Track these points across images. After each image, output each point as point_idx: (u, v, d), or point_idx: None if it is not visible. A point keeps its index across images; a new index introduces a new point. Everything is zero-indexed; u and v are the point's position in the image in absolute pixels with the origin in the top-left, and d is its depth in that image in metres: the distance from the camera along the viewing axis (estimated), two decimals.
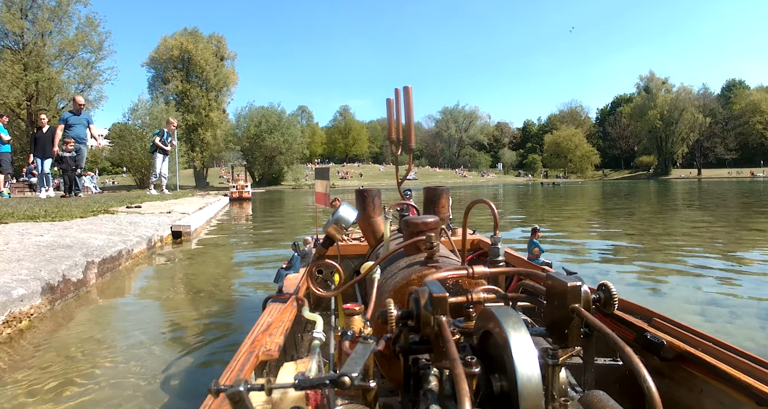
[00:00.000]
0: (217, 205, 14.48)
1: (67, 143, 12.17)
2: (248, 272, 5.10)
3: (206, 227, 9.97)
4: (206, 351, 2.66)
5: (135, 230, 6.32)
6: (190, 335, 2.95)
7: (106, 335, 3.00)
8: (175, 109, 53.77)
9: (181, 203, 11.45)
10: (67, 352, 2.64)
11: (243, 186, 25.71)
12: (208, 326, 3.14)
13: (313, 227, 8.48)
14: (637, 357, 0.73)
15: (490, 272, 1.20)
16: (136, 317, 3.46)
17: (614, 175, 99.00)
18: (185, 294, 4.08)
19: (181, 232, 7.45)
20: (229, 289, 4.29)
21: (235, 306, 3.72)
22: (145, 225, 6.85)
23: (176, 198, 13.73)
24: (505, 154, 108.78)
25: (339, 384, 0.68)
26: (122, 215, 7.99)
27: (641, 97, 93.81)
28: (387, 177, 79.85)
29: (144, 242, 5.98)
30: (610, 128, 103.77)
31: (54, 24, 36.14)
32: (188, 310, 3.56)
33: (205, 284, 4.42)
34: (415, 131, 2.39)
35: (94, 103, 36.67)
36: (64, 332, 2.97)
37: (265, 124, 62.66)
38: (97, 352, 2.66)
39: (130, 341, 2.86)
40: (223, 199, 18.83)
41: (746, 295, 3.68)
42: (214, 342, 2.82)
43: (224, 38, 69.93)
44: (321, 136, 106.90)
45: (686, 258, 5.27)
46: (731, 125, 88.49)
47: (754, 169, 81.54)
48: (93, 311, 3.51)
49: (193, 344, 2.77)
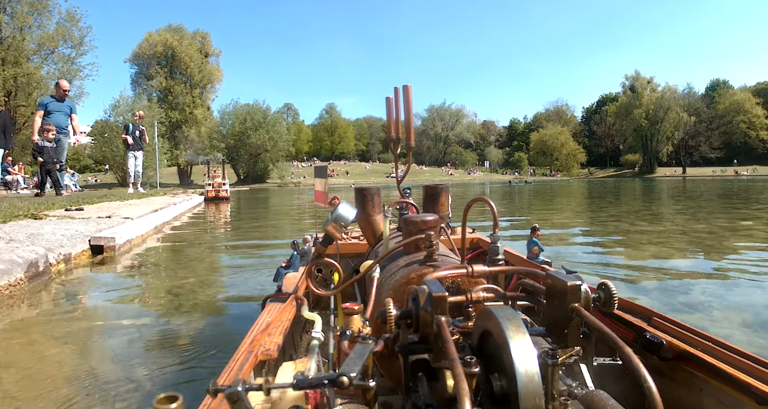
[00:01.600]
0: (183, 206, 12.95)
1: (47, 131, 10.66)
2: (172, 335, 2.96)
3: (155, 235, 8.08)
4: (205, 351, 2.62)
5: (18, 248, 4.34)
6: (190, 335, 2.90)
7: (104, 340, 2.89)
8: (158, 106, 53.06)
9: (136, 204, 9.99)
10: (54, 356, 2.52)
11: (220, 184, 23.15)
12: (207, 326, 3.09)
13: (302, 231, 8.17)
14: (637, 357, 0.74)
15: (489, 271, 1.20)
16: (135, 316, 3.35)
17: (600, 174, 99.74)
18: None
19: (102, 246, 5.57)
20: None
21: (235, 306, 3.67)
22: (48, 239, 4.99)
23: (140, 198, 12.43)
24: (491, 153, 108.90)
25: (338, 384, 0.69)
26: (51, 220, 6.48)
27: (627, 96, 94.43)
28: (373, 175, 79.77)
29: (19, 268, 3.92)
30: (596, 127, 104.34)
31: (33, 18, 35.41)
32: (185, 310, 3.47)
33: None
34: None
35: (74, 100, 36.00)
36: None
37: (250, 122, 62.09)
38: (96, 352, 2.62)
39: (128, 341, 2.80)
40: (196, 198, 17.60)
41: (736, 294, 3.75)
42: (213, 342, 2.77)
43: (209, 35, 69.20)
44: (307, 134, 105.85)
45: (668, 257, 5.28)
46: (715, 124, 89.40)
47: (738, 167, 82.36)
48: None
49: (191, 344, 2.73)
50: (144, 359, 2.54)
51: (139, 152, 14.45)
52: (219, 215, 14.37)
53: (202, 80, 65.31)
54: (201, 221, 12.28)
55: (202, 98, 65.92)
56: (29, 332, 3.07)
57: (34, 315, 3.39)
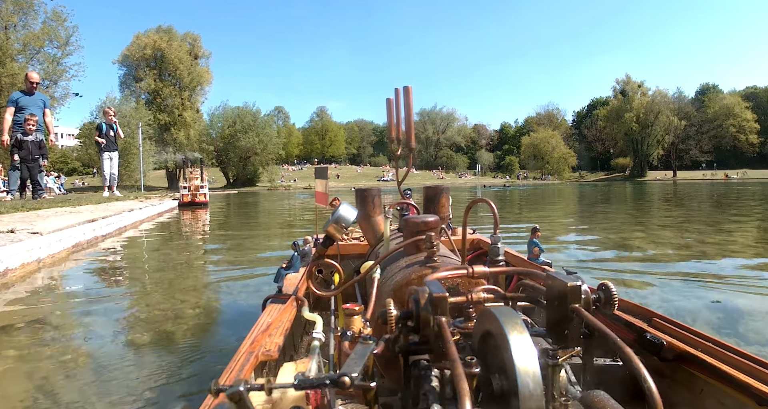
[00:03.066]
0: (141, 214, 11.02)
1: (27, 121, 9.60)
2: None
3: (76, 254, 6.13)
4: (205, 351, 2.62)
5: None
6: (190, 335, 2.91)
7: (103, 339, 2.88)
8: (146, 108, 52.39)
9: (79, 212, 8.22)
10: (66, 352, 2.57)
11: (197, 187, 20.29)
12: (207, 326, 3.11)
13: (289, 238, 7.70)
14: (637, 358, 0.74)
15: (490, 272, 1.21)
16: (133, 316, 3.35)
17: (590, 177, 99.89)
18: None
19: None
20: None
21: (235, 306, 3.63)
22: None
23: (99, 203, 10.88)
24: (482, 156, 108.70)
25: (339, 384, 0.69)
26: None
27: (618, 100, 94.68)
28: (364, 178, 79.49)
29: None
30: (587, 131, 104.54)
31: (18, 17, 34.80)
32: (187, 309, 3.45)
33: None
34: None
35: (60, 101, 35.36)
36: None
37: (239, 124, 61.56)
38: (95, 352, 2.62)
39: (128, 341, 2.80)
40: (167, 204, 15.96)
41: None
42: (214, 342, 2.79)
43: (199, 37, 68.33)
44: (297, 137, 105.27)
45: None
46: (705, 128, 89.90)
47: (728, 171, 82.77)
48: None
49: (192, 345, 2.73)
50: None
51: (115, 153, 13.47)
52: (187, 226, 11.99)
53: (191, 82, 64.54)
54: (161, 233, 10.06)
55: (191, 101, 65.19)
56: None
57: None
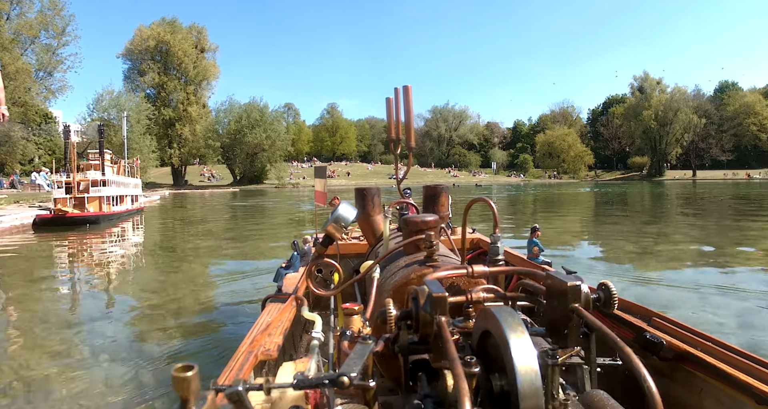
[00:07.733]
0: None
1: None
2: None
3: None
4: (205, 351, 2.76)
5: None
6: (190, 335, 3.07)
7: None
8: (145, 101, 50.63)
9: None
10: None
11: (88, 186, 12.23)
12: (207, 325, 3.26)
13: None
14: (637, 357, 0.74)
15: (489, 272, 1.22)
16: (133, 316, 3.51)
17: (606, 176, 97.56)
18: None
19: None
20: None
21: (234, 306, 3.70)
22: None
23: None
24: (495, 154, 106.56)
25: (338, 384, 0.69)
26: None
27: (635, 97, 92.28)
28: (375, 176, 77.62)
29: None
30: (603, 129, 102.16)
31: (13, 6, 33.20)
32: (187, 308, 3.62)
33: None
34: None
35: (56, 93, 33.81)
36: None
37: (246, 120, 59.68)
38: (93, 352, 2.82)
39: (127, 342, 2.98)
40: (12, 216, 10.05)
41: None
42: (213, 341, 2.92)
43: (205, 29, 66.77)
44: (308, 134, 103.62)
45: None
46: (725, 127, 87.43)
47: (750, 170, 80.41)
48: None
49: (192, 344, 2.88)
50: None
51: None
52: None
53: (197, 76, 63.01)
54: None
55: (196, 95, 63.63)
56: None
57: None
